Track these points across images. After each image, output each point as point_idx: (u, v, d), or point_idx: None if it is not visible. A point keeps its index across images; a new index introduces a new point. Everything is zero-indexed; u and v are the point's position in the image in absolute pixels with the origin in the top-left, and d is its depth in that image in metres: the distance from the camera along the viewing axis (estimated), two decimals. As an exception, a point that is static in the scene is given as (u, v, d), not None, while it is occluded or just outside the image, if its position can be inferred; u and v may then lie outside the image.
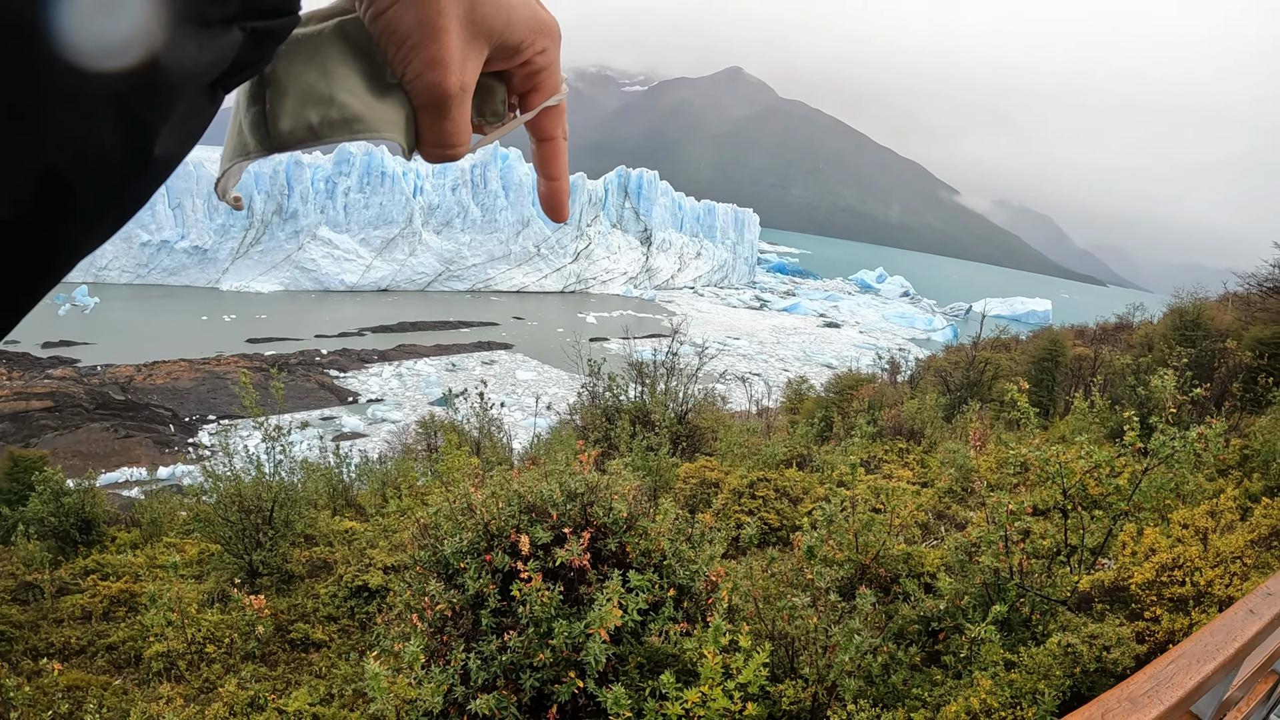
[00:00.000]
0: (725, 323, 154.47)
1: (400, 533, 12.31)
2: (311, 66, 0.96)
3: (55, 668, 7.57)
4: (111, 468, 63.73)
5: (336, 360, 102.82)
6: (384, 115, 1.02)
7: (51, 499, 15.03)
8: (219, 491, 12.19)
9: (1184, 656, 2.99)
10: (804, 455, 18.58)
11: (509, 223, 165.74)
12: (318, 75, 0.97)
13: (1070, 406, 22.15)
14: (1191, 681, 2.83)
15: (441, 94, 0.97)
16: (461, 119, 1.02)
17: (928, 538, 11.46)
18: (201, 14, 0.64)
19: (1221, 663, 2.98)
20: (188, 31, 0.63)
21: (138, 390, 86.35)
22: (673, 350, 23.03)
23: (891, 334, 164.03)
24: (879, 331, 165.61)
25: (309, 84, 0.97)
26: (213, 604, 10.81)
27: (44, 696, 8.17)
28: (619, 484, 7.49)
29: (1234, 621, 3.31)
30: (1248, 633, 3.22)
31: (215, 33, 0.66)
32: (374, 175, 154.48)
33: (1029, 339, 48.15)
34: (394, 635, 7.16)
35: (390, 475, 18.82)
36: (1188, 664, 2.94)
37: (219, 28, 0.66)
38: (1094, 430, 18.68)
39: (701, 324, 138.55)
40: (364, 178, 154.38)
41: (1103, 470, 8.07)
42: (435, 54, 0.92)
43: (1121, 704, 2.70)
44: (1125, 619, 7.20)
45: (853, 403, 28.32)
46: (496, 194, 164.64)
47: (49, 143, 0.57)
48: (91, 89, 0.58)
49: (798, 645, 6.79)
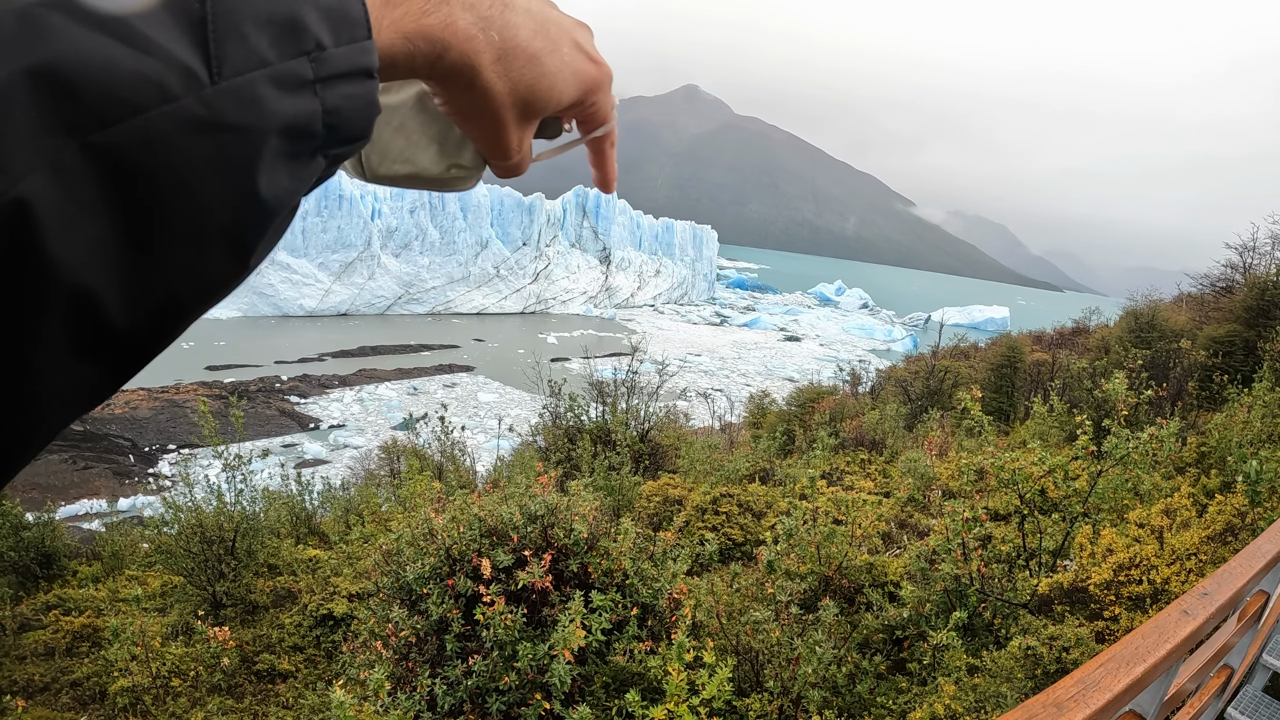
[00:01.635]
0: (686, 339, 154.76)
1: (364, 560, 12.23)
2: (400, 136, 1.11)
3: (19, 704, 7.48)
4: (71, 500, 62.90)
5: (297, 386, 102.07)
6: (458, 175, 1.20)
7: (10, 533, 14.83)
8: (180, 522, 12.08)
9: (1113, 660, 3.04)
10: (767, 469, 18.66)
11: (468, 244, 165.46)
12: (405, 144, 1.12)
13: (1030, 411, 22.38)
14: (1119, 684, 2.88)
15: (504, 168, 1.15)
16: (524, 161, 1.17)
17: (890, 547, 11.53)
18: (294, 150, 0.70)
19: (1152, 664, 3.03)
20: (282, 166, 0.69)
21: (96, 420, 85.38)
22: (633, 369, 23.06)
23: (852, 346, 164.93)
24: (839, 344, 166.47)
25: (399, 150, 1.12)
26: (177, 637, 10.71)
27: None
28: (579, 505, 7.51)
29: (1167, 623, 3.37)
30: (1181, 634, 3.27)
31: (304, 162, 0.73)
32: (331, 198, 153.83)
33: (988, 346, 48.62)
34: (359, 663, 7.13)
35: (353, 502, 18.70)
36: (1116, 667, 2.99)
37: (307, 158, 0.73)
38: (1054, 434, 18.87)
39: (662, 341, 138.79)
40: (321, 201, 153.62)
41: (1058, 474, 8.18)
42: (497, 144, 1.08)
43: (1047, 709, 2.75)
44: (1085, 619, 7.28)
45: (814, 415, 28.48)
46: (455, 216, 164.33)
47: (171, 275, 0.63)
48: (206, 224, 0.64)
49: (762, 659, 6.83)
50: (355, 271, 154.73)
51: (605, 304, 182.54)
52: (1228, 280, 36.60)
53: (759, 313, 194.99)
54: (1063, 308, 71.51)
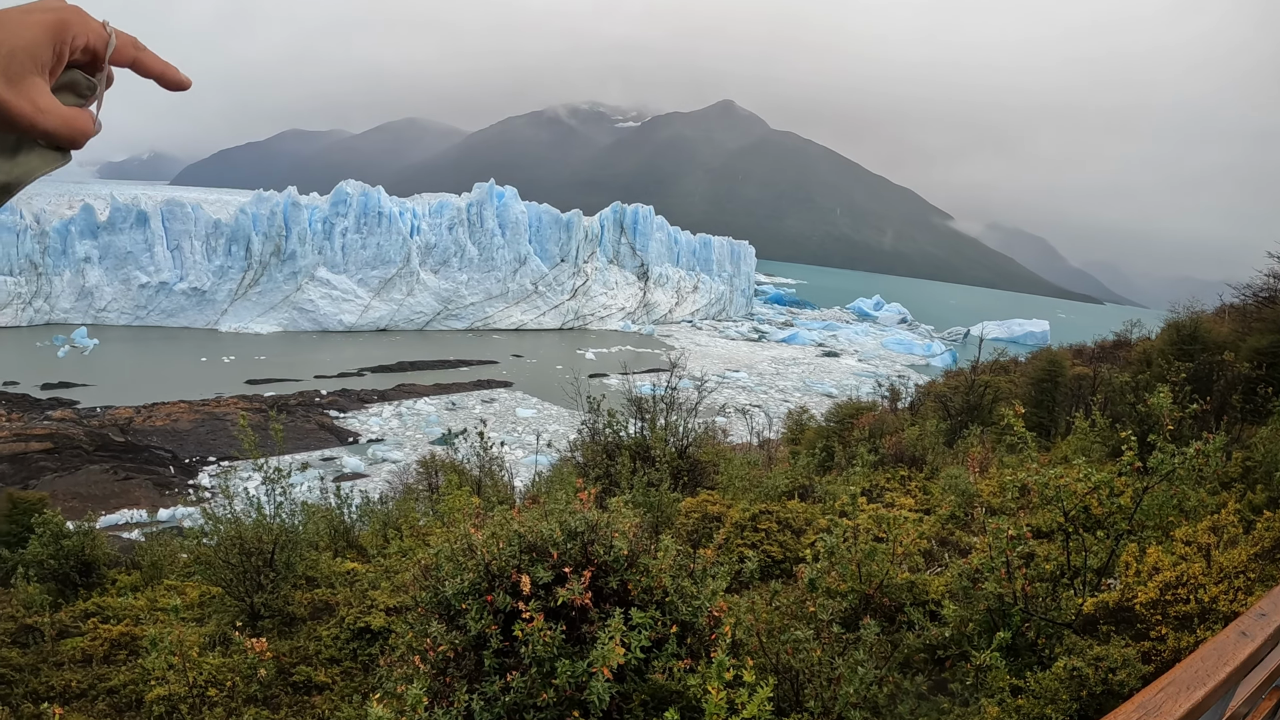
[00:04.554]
0: (724, 355, 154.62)
1: (402, 574, 12.26)
2: None
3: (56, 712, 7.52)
4: (111, 510, 63.75)
5: (336, 400, 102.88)
6: (25, 165, 1.38)
7: (51, 541, 15.00)
8: (219, 534, 12.16)
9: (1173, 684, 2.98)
10: (806, 486, 18.56)
11: (506, 261, 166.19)
12: None
13: (1071, 426, 22.14)
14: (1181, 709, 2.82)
15: (32, 127, 1.30)
16: (64, 118, 1.36)
17: (932, 565, 11.44)
18: None
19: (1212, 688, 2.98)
20: None
21: (137, 432, 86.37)
22: (672, 384, 23.05)
23: (890, 361, 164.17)
24: (878, 359, 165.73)
25: None
26: (214, 647, 10.76)
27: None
28: (620, 521, 7.49)
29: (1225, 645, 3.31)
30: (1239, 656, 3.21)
31: None
32: (370, 215, 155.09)
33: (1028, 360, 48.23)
34: (397, 677, 7.14)
35: (391, 516, 18.78)
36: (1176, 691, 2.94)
37: None
38: (1096, 449, 18.66)
39: (700, 357, 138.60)
40: (361, 218, 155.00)
41: (1103, 491, 8.07)
42: (8, 117, 1.25)
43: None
44: (1130, 639, 7.17)
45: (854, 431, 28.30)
46: (493, 232, 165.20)
47: None
48: None
49: (802, 678, 6.78)
50: (394, 287, 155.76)
51: (643, 320, 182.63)
52: (1271, 290, 36.00)
53: (797, 328, 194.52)
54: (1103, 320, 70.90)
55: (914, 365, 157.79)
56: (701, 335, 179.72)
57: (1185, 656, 5.97)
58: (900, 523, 9.66)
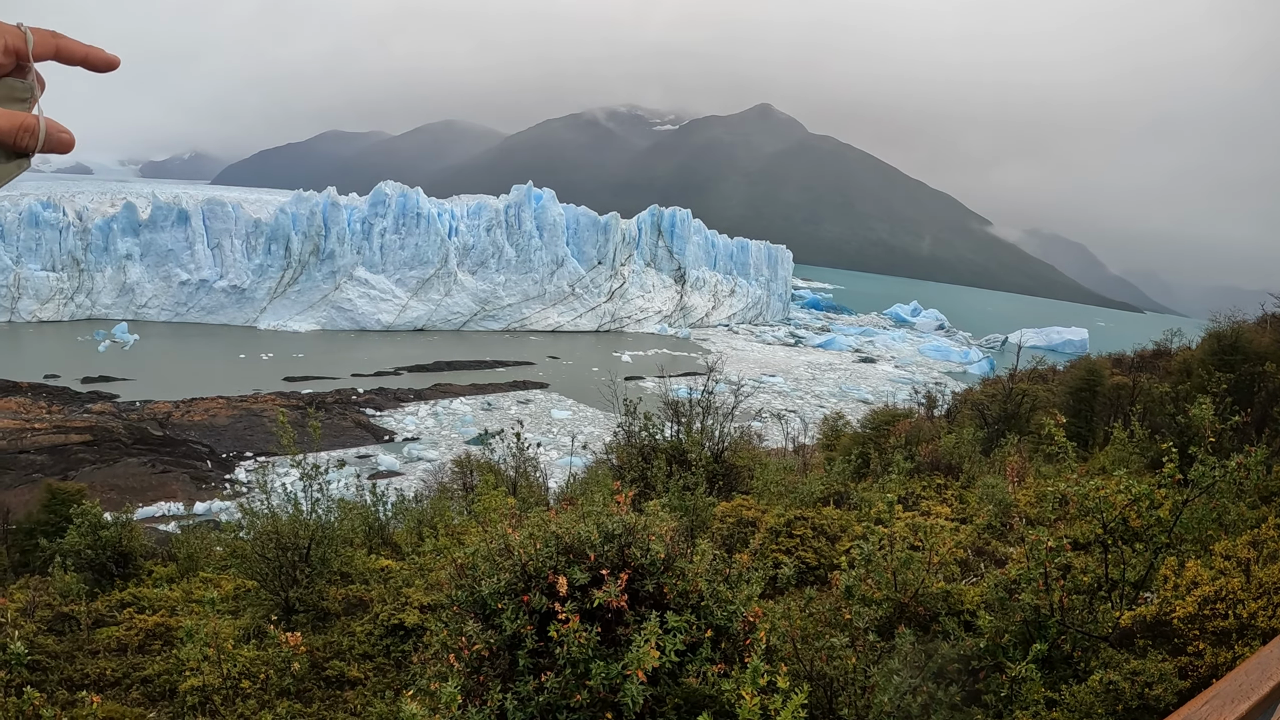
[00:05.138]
0: (760, 360, 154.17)
1: (436, 572, 12.32)
2: None
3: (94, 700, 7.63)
4: (148, 502, 64.38)
5: (373, 399, 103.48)
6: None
7: (89, 532, 15.16)
8: (256, 528, 12.27)
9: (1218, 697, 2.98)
10: (841, 493, 18.50)
11: (543, 263, 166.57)
12: None
13: (1110, 436, 21.93)
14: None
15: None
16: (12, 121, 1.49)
17: (967, 574, 11.38)
18: None
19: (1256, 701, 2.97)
20: None
21: (175, 426, 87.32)
22: (708, 388, 23.04)
23: (927, 367, 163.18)
24: (915, 365, 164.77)
25: None
26: (248, 640, 10.84)
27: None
28: (656, 524, 7.51)
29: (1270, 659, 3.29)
30: (1284, 669, 3.20)
31: None
32: (409, 216, 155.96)
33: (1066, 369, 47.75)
34: (430, 675, 7.18)
35: (426, 514, 18.87)
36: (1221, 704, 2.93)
37: None
38: (1134, 460, 18.48)
39: (737, 361, 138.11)
40: (399, 219, 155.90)
41: (1143, 503, 8.01)
42: None
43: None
44: (1167, 654, 7.11)
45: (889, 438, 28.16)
46: (531, 234, 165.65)
47: None
48: None
49: (836, 686, 6.78)
50: (432, 288, 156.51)
51: (680, 323, 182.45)
52: (1314, 299, 35.52)
53: (834, 333, 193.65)
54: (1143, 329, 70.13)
55: (951, 372, 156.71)
56: (738, 339, 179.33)
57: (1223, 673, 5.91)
58: (936, 531, 9.63)
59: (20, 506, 34.25)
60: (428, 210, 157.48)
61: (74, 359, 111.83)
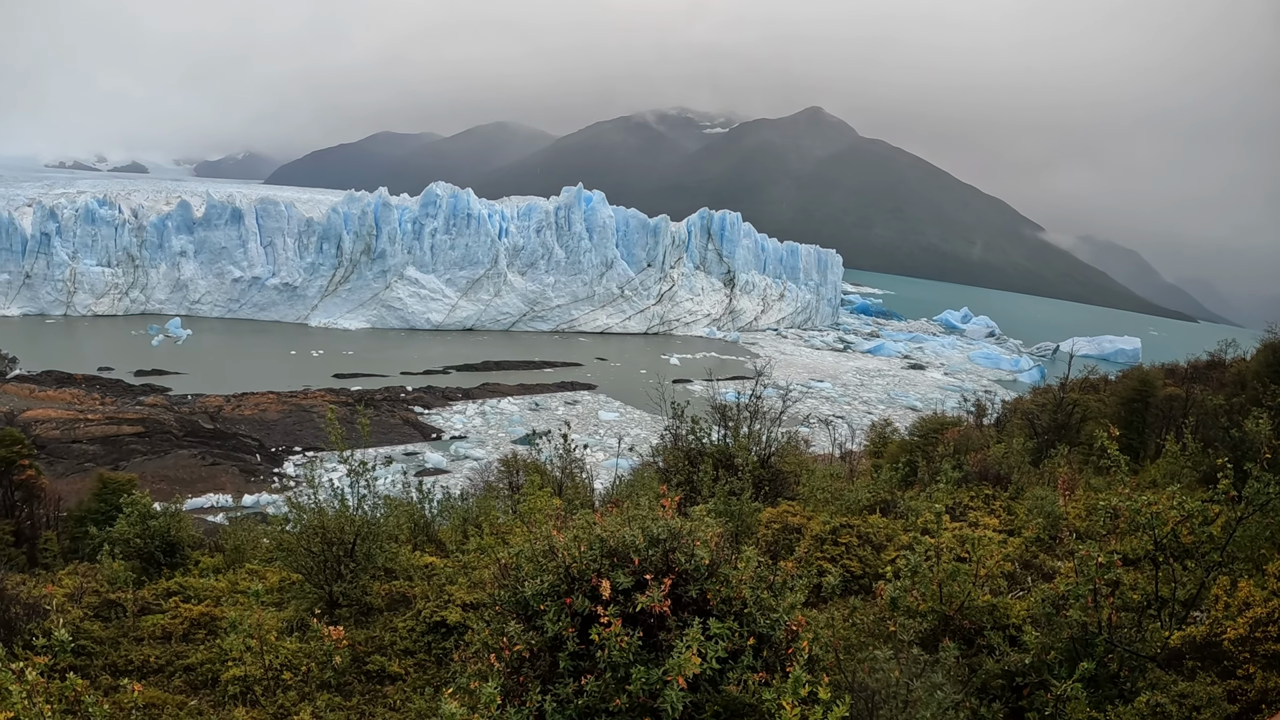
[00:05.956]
0: (809, 365, 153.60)
1: (480, 570, 12.37)
2: None
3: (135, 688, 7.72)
4: (198, 493, 65.48)
5: (421, 397, 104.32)
6: None
7: (138, 521, 15.32)
8: (302, 522, 12.37)
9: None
10: (888, 501, 18.36)
11: (593, 264, 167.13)
12: None
13: (1161, 449, 21.61)
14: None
15: None
16: None
17: (1014, 588, 11.26)
18: None
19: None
20: None
21: (226, 420, 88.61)
22: (756, 393, 22.96)
23: (977, 375, 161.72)
24: (964, 373, 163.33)
25: None
26: (291, 632, 10.93)
27: (120, 712, 8.34)
28: (702, 530, 7.50)
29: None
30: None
31: None
32: (460, 217, 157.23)
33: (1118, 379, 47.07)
34: (471, 673, 7.22)
35: (471, 512, 18.92)
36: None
37: None
38: (1186, 475, 18.19)
39: (785, 366, 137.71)
40: (450, 219, 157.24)
41: (1195, 520, 7.88)
42: None
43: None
44: (1216, 677, 7.00)
45: (938, 446, 27.91)
46: (580, 236, 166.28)
47: None
48: None
49: (878, 699, 6.73)
50: (482, 288, 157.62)
51: (729, 327, 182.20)
52: (1376, 311, 34.74)
53: (883, 339, 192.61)
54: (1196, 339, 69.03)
55: (1001, 380, 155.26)
56: (786, 344, 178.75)
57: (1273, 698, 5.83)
58: (984, 543, 9.54)
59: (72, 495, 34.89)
60: (478, 211, 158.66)
61: (127, 352, 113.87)
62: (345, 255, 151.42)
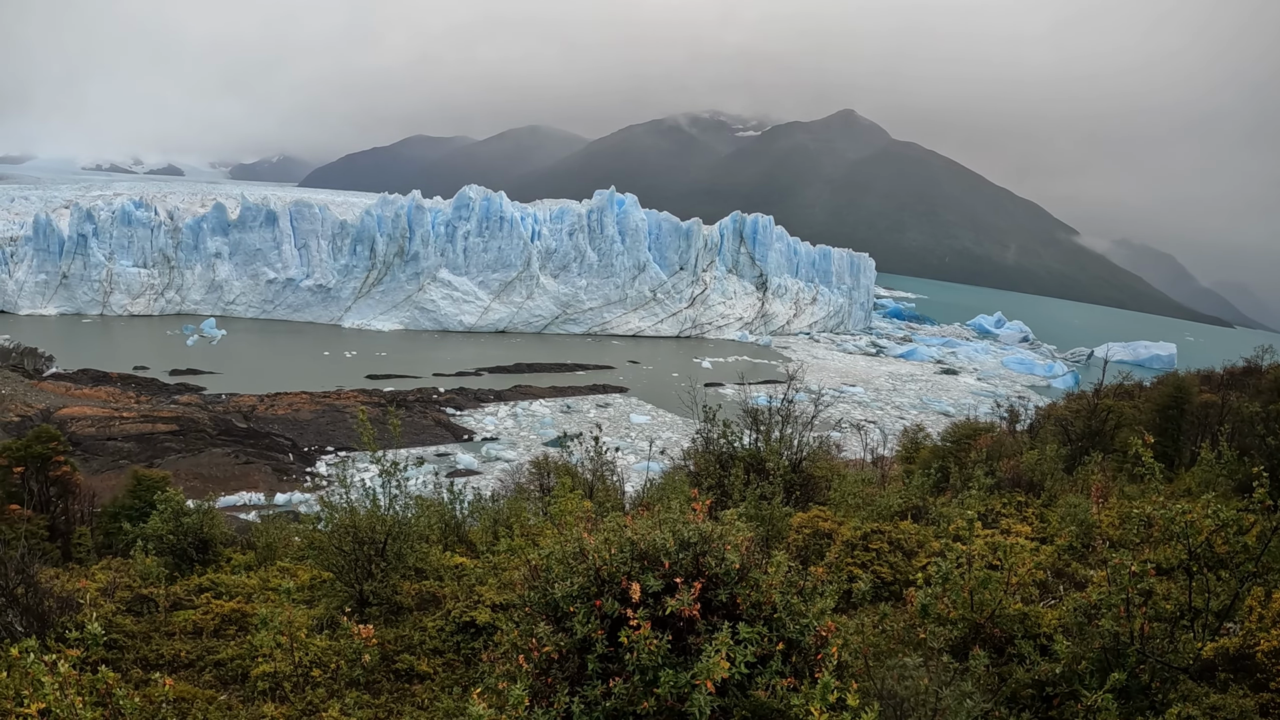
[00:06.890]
0: (841, 369, 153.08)
1: (510, 571, 12.43)
2: None
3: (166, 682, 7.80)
4: (231, 491, 66.12)
5: (453, 399, 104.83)
6: None
7: (171, 518, 15.49)
8: (334, 521, 12.46)
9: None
10: (919, 507, 18.29)
11: (625, 267, 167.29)
12: None
13: (1196, 457, 21.41)
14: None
15: None
16: None
17: (1045, 597, 11.20)
18: None
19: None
20: None
21: (259, 419, 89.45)
22: (788, 397, 22.94)
23: (1010, 381, 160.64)
24: (997, 378, 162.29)
25: None
26: (321, 630, 10.99)
27: (151, 706, 8.42)
28: (732, 534, 7.51)
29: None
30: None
31: None
32: (493, 220, 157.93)
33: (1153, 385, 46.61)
34: (499, 674, 7.24)
35: (502, 514, 18.99)
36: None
37: None
38: (1222, 483, 18.01)
39: (817, 370, 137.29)
40: (483, 222, 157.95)
41: (1230, 529, 7.81)
42: None
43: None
44: (1249, 690, 6.95)
45: (970, 453, 27.77)
46: (613, 239, 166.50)
47: None
48: None
49: (906, 706, 6.72)
50: (514, 290, 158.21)
51: (760, 330, 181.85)
52: None
53: (916, 344, 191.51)
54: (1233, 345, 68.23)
55: (1034, 386, 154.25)
56: (819, 348, 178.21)
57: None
58: (1016, 551, 9.50)
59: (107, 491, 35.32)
60: (511, 214, 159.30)
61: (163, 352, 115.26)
62: (379, 257, 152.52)
